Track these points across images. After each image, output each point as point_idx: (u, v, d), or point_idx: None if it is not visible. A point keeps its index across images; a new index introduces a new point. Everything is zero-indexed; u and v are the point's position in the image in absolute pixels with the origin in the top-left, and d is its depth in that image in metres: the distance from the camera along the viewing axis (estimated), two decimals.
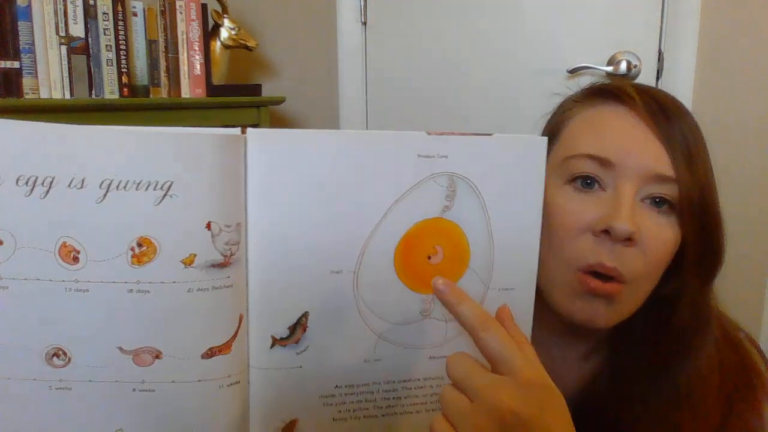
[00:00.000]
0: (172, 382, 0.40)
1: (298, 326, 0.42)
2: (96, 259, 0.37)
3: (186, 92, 1.43)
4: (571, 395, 0.57)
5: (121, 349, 0.39)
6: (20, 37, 1.27)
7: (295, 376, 0.43)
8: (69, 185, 0.35)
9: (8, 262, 0.36)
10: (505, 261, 0.45)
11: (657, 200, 0.51)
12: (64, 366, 0.39)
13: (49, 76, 1.29)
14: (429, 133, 0.41)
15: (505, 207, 0.44)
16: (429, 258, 0.44)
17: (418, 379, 0.46)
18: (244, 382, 0.42)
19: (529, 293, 0.46)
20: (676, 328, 0.54)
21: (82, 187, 0.36)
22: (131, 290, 0.38)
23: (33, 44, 1.28)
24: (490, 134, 0.43)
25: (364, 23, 1.56)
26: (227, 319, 0.40)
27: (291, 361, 0.42)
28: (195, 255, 0.38)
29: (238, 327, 0.40)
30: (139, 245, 0.37)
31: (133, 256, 0.37)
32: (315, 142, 0.39)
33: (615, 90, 0.54)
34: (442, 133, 0.42)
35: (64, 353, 0.39)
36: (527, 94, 1.47)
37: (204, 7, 1.44)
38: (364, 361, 0.44)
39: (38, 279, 0.37)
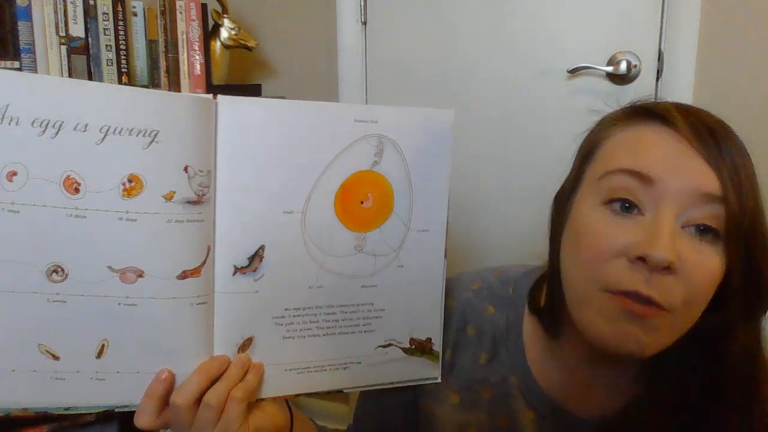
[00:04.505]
0: (152, 298, 0.48)
1: (256, 257, 0.51)
2: (93, 191, 0.45)
3: (186, 92, 1.43)
4: (601, 424, 0.58)
5: (110, 268, 0.47)
6: (20, 37, 1.28)
7: (252, 299, 0.52)
8: (75, 128, 0.43)
9: (21, 190, 0.44)
10: (422, 207, 0.56)
11: (701, 228, 0.48)
12: (62, 281, 0.46)
13: None
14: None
15: (421, 163, 0.55)
16: (362, 203, 0.54)
17: (353, 305, 0.56)
18: (210, 303, 0.50)
19: (441, 234, 0.57)
20: (726, 370, 0.52)
21: (85, 131, 0.44)
22: (121, 218, 0.46)
23: (33, 44, 1.29)
24: (414, 107, 0.55)
25: (364, 23, 1.58)
26: (198, 248, 0.48)
27: (249, 287, 0.51)
28: (174, 192, 0.46)
29: (207, 256, 0.49)
30: (130, 181, 0.45)
31: (124, 190, 0.45)
32: (273, 108, 0.50)
33: (657, 110, 0.52)
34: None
35: (63, 270, 0.46)
36: (527, 93, 1.48)
37: (204, 7, 1.45)
38: (309, 288, 0.54)
39: (45, 205, 0.44)
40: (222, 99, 0.48)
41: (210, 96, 0.47)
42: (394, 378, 0.59)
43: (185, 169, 0.46)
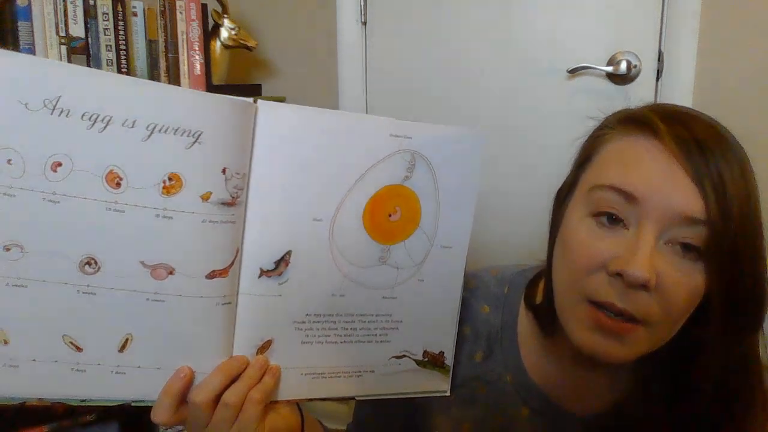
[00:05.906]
0: (180, 295, 0.48)
1: (282, 262, 0.51)
2: (134, 186, 0.46)
3: None
4: (594, 421, 0.59)
5: (142, 263, 0.47)
6: (20, 37, 1.28)
7: (275, 303, 0.52)
8: (123, 124, 0.44)
9: (63, 181, 0.44)
10: (446, 224, 0.57)
11: (684, 245, 0.49)
12: (94, 274, 0.47)
13: None
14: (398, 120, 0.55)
15: (450, 181, 0.56)
16: (389, 216, 0.54)
17: (372, 315, 0.57)
18: (234, 304, 0.51)
19: (462, 251, 0.59)
20: (706, 383, 0.53)
21: (132, 127, 0.44)
22: (158, 215, 0.46)
23: (33, 44, 1.29)
24: (448, 125, 0.56)
25: (364, 23, 1.58)
26: (228, 249, 0.49)
27: (273, 290, 0.52)
28: (211, 193, 0.47)
29: (235, 257, 0.50)
30: (170, 179, 0.46)
31: (164, 188, 0.46)
32: (311, 116, 0.50)
33: (645, 120, 0.52)
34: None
35: (96, 262, 0.47)
36: (527, 93, 1.49)
37: (204, 7, 1.45)
38: (331, 295, 0.55)
39: (85, 198, 0.45)
40: (262, 104, 0.49)
41: (251, 100, 0.48)
42: (404, 389, 0.61)
43: (223, 170, 0.47)
